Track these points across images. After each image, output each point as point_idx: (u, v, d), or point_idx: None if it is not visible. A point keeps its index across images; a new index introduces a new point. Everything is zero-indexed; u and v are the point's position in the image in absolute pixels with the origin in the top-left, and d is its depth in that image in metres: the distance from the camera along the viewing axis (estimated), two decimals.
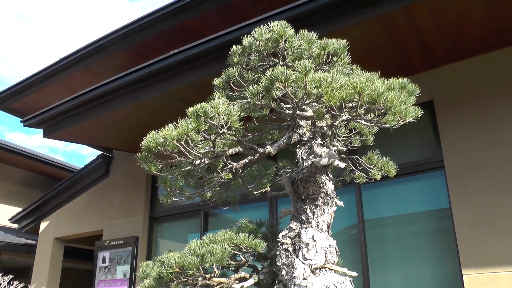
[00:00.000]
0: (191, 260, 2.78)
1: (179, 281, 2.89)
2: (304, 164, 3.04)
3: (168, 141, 2.67)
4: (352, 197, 6.15)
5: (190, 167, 3.00)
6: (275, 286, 3.37)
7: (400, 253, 5.77)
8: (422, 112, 2.74)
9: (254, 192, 3.47)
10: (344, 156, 3.61)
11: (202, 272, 2.86)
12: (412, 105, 2.71)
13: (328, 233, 3.16)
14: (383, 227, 6.09)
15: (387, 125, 2.80)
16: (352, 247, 6.06)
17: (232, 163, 3.18)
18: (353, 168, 3.69)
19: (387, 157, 3.53)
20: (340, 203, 3.27)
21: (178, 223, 8.19)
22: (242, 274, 3.25)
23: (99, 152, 9.09)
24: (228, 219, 7.19)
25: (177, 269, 2.80)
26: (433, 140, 5.82)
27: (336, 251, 3.10)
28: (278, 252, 3.11)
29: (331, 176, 3.21)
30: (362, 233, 5.90)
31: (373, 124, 2.86)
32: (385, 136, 5.75)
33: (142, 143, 2.74)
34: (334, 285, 2.91)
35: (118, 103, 6.43)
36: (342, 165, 2.87)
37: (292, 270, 2.96)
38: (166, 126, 2.69)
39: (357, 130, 3.49)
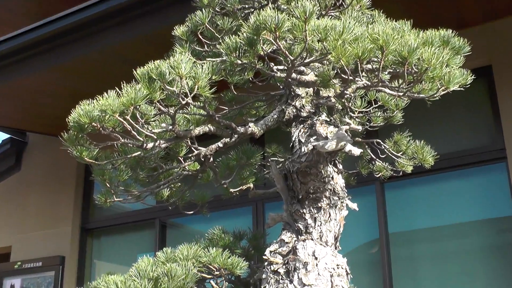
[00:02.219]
0: (140, 286, 2.82)
1: None
2: (303, 150, 3.06)
3: (108, 115, 2.68)
4: (371, 200, 6.19)
5: (139, 153, 3.01)
6: None
7: (440, 280, 5.88)
8: (473, 77, 2.79)
9: (232, 191, 3.50)
10: (360, 139, 3.67)
11: None
12: (459, 67, 2.76)
13: (335, 248, 3.20)
14: (416, 244, 6.20)
15: (421, 96, 2.84)
16: (371, 272, 6.16)
17: (200, 148, 3.18)
18: (373, 156, 3.75)
19: (422, 141, 3.59)
20: (354, 206, 3.31)
21: (123, 238, 8.21)
22: None
23: (6, 136, 9.08)
24: (195, 232, 7.24)
25: None
26: (490, 121, 5.90)
27: (347, 274, 3.13)
28: (264, 276, 3.12)
29: (340, 167, 3.25)
30: (385, 252, 5.96)
31: (401, 94, 2.90)
32: (419, 112, 5.84)
33: (69, 117, 2.75)
34: None
35: (34, 65, 6.38)
36: (356, 151, 2.92)
37: None
38: (105, 94, 2.70)
39: (379, 103, 3.55)
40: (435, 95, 2.79)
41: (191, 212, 3.60)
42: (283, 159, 3.67)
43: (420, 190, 6.17)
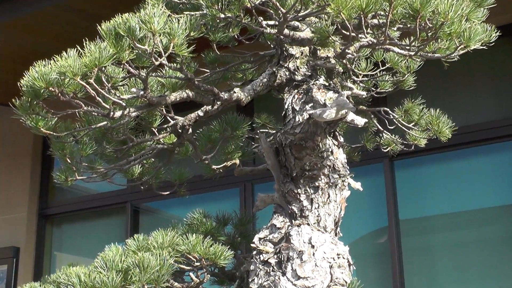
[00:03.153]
0: (107, 278, 2.84)
1: None
2: (297, 120, 3.06)
3: (68, 78, 2.66)
4: (378, 181, 6.22)
5: (105, 123, 3.01)
6: None
7: (458, 273, 5.95)
8: (498, 35, 2.79)
9: (214, 168, 3.51)
10: (365, 107, 3.67)
11: None
12: (482, 22, 2.75)
13: (335, 235, 3.22)
14: (431, 232, 6.24)
15: (436, 56, 2.84)
16: (379, 265, 6.22)
17: (176, 117, 3.19)
18: (380, 127, 3.76)
19: (437, 110, 3.60)
20: (357, 186, 3.33)
21: (88, 226, 8.23)
22: None
23: None
24: (172, 218, 7.19)
25: None
26: None
27: (350, 265, 3.15)
28: (252, 267, 3.15)
29: (341, 140, 3.27)
30: (395, 242, 5.98)
31: (413, 54, 2.90)
32: (435, 77, 5.85)
33: (22, 81, 2.74)
34: None
35: None
36: (360, 121, 2.93)
37: None
38: (64, 54, 2.69)
39: (387, 65, 3.55)
40: (453, 55, 2.79)
41: (167, 192, 3.60)
42: (274, 131, 3.68)
43: (436, 169, 6.21)
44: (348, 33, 2.70)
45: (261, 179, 6.45)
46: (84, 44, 2.74)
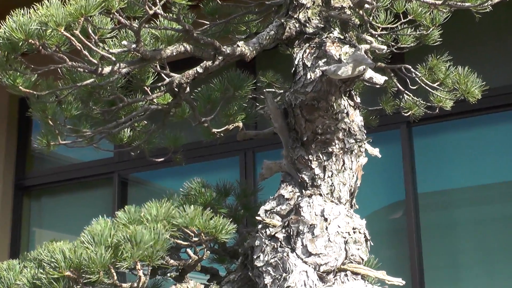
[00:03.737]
0: (95, 255, 2.82)
1: None
2: (309, 77, 3.03)
3: (50, 29, 2.64)
4: (395, 149, 6.21)
5: (92, 80, 2.98)
6: None
7: (482, 251, 5.95)
8: None
9: (214, 131, 3.49)
10: (384, 64, 3.63)
11: (115, 278, 2.89)
12: None
13: (351, 206, 3.22)
14: (452, 208, 6.25)
15: (466, 5, 2.81)
16: (394, 243, 6.23)
17: (172, 74, 3.16)
18: (400, 88, 3.72)
19: (466, 68, 3.55)
20: (375, 152, 3.32)
21: (71, 199, 8.21)
22: (191, 284, 3.29)
23: None
24: (164, 190, 7.19)
25: (68, 272, 2.84)
26: None
27: (366, 240, 3.15)
28: (258, 243, 3.14)
29: (358, 100, 3.25)
30: (413, 218, 5.99)
31: (439, 3, 2.87)
32: (463, 31, 5.79)
33: None
34: None
35: None
36: (380, 79, 2.90)
37: (284, 275, 2.99)
38: (46, 1, 2.66)
39: (409, 17, 3.49)
40: (485, 5, 2.76)
41: (161, 160, 3.59)
42: (282, 90, 3.65)
43: (460, 137, 6.21)
44: None
45: (263, 146, 6.44)
46: None
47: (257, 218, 3.19)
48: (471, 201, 6.15)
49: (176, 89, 3.15)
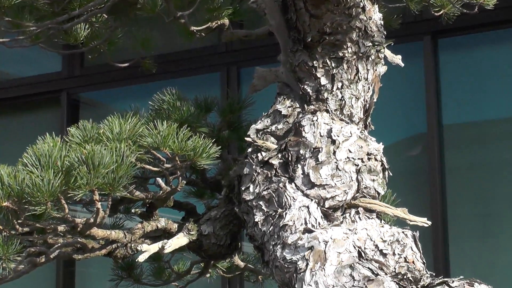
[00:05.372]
0: (41, 180, 2.76)
1: (13, 231, 2.91)
2: None
3: None
4: (415, 67, 6.19)
5: None
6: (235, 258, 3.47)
7: None
8: None
9: (194, 30, 3.43)
10: None
11: (67, 211, 2.86)
12: None
13: (365, 127, 3.20)
14: (485, 144, 6.32)
15: None
16: (412, 186, 6.26)
17: None
18: None
19: None
20: (397, 60, 3.28)
21: (8, 122, 8.24)
22: (162, 222, 3.30)
23: None
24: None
25: (6, 203, 2.80)
26: None
27: (384, 169, 3.14)
28: (247, 171, 3.13)
29: None
30: (436, 155, 6.05)
31: None
32: None
33: None
34: (377, 246, 2.95)
35: None
36: None
37: (280, 211, 2.98)
38: None
39: None
40: None
41: (126, 64, 3.54)
42: None
43: (497, 54, 6.17)
44: None
45: (251, 61, 6.40)
46: None
47: (247, 139, 3.16)
48: (508, 136, 6.14)
49: None
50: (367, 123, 3.23)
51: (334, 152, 3.03)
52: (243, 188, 3.12)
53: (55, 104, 7.64)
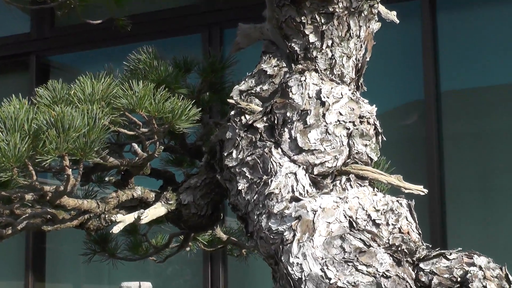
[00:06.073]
0: (6, 145, 2.75)
1: None
2: None
3: None
4: (411, 29, 6.23)
5: None
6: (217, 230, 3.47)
7: None
8: None
9: None
10: None
11: (35, 178, 2.86)
12: None
13: (357, 88, 3.21)
14: (485, 112, 6.33)
15: None
16: (407, 156, 6.28)
17: None
18: None
19: None
20: (391, 16, 3.30)
21: None
22: (138, 191, 3.31)
23: None
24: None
25: None
26: None
27: (378, 134, 3.15)
28: (230, 135, 3.13)
29: None
30: (433, 123, 6.07)
31: None
32: None
33: None
34: (369, 215, 2.96)
35: None
36: None
37: (265, 178, 2.99)
38: None
39: None
40: None
41: (98, 21, 3.54)
42: None
43: (502, 12, 6.16)
44: None
45: (234, 21, 6.39)
46: None
47: (229, 101, 3.16)
48: (510, 103, 6.16)
49: None
50: (359, 83, 3.22)
51: (324, 115, 3.03)
52: (225, 154, 3.13)
53: (23, 69, 7.63)
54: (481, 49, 6.17)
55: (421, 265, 2.92)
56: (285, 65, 3.16)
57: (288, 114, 3.04)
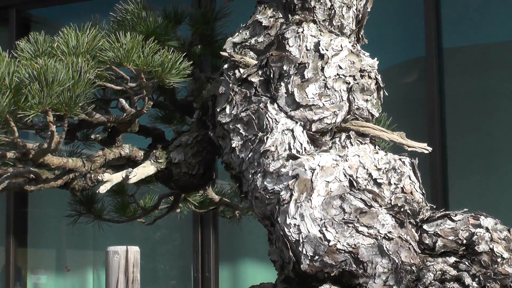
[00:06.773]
0: None
1: None
2: None
3: None
4: None
5: None
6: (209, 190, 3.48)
7: None
8: None
9: None
10: None
11: (16, 135, 2.85)
12: None
13: (358, 40, 3.20)
14: (489, 70, 6.31)
15: None
16: (406, 116, 6.24)
17: None
18: None
19: None
20: None
21: None
22: (126, 149, 3.32)
23: None
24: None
25: None
26: None
27: (379, 89, 3.14)
28: (223, 90, 3.12)
29: None
30: (435, 82, 6.07)
31: None
32: None
33: None
34: (370, 174, 2.97)
35: None
36: None
37: (260, 135, 3.00)
38: None
39: None
40: None
41: None
42: None
43: None
44: None
45: None
46: None
47: (222, 54, 3.15)
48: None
49: None
50: (360, 35, 3.23)
51: (322, 68, 3.03)
52: (218, 110, 3.13)
53: (2, 23, 7.59)
54: (483, 5, 6.15)
55: (425, 226, 2.93)
56: (282, 16, 3.16)
57: (284, 67, 3.04)
